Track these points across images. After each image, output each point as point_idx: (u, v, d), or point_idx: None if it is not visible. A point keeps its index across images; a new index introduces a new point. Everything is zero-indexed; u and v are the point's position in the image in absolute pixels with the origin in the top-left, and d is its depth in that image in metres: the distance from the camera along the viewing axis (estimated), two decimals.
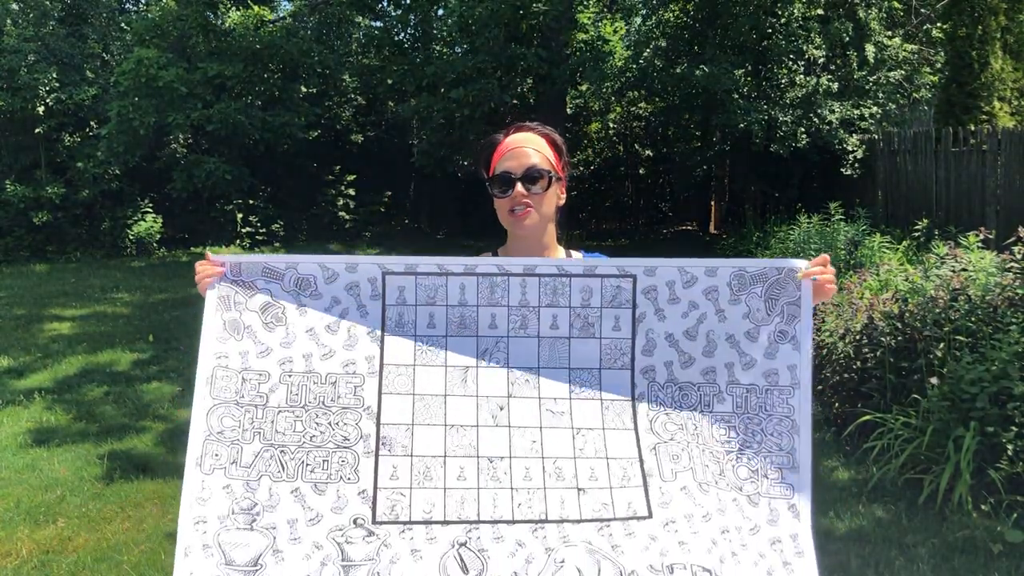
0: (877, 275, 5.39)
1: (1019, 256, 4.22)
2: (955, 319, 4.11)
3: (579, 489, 1.62)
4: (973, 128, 8.46)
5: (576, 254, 1.90)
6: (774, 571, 1.64)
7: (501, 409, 1.66)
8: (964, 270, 4.48)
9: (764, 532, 1.65)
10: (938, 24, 11.28)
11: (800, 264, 1.72)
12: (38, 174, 12.93)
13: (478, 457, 1.63)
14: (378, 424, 1.64)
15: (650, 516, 1.61)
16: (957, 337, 4.02)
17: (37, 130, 12.61)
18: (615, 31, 11.50)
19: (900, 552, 3.25)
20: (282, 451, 1.61)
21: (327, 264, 1.70)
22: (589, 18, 11.55)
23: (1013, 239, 4.34)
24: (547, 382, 1.69)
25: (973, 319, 4.07)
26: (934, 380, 3.83)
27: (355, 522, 1.57)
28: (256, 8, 12.85)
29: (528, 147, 1.78)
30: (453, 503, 1.59)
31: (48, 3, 12.86)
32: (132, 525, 3.73)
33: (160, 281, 10.63)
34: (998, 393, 3.61)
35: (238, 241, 13.76)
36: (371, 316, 1.69)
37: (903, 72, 10.85)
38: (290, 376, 1.65)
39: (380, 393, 1.66)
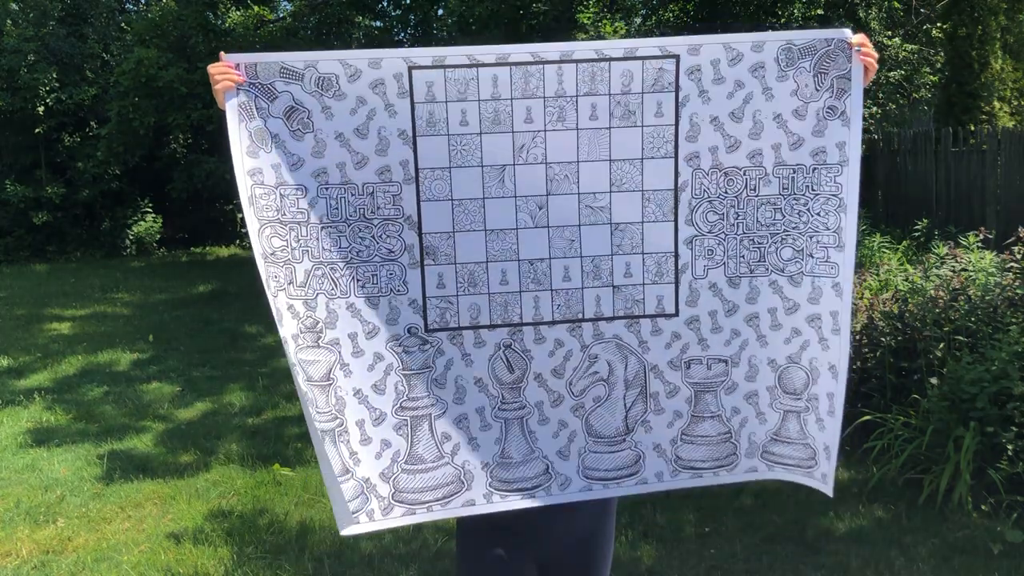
0: (877, 275, 5.39)
1: (1019, 256, 4.22)
2: (955, 319, 4.10)
3: (614, 287, 1.73)
4: (973, 128, 8.46)
5: None
6: (809, 345, 1.74)
7: (540, 208, 1.69)
8: (964, 270, 4.48)
9: (803, 310, 1.73)
10: (938, 24, 11.28)
11: (849, 34, 1.68)
12: (38, 174, 12.93)
13: (519, 260, 1.70)
14: (420, 234, 1.68)
15: (676, 314, 1.74)
16: (957, 337, 4.01)
17: (37, 130, 12.61)
18: (615, 31, 11.49)
19: (900, 552, 3.25)
20: (332, 268, 1.66)
21: (348, 60, 1.64)
22: (589, 18, 11.55)
23: (1013, 239, 4.34)
24: (587, 176, 1.69)
25: (973, 319, 4.07)
26: (934, 380, 3.82)
27: (409, 331, 1.69)
28: (256, 8, 12.85)
29: None
30: (497, 307, 1.71)
31: (48, 3, 12.85)
32: (132, 525, 3.73)
33: (160, 281, 10.63)
34: (998, 393, 3.60)
35: (238, 241, 13.76)
36: (400, 116, 1.64)
37: (903, 72, 10.84)
38: (327, 189, 1.65)
39: (419, 201, 1.67)
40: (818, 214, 1.70)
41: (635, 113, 1.67)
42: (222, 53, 1.66)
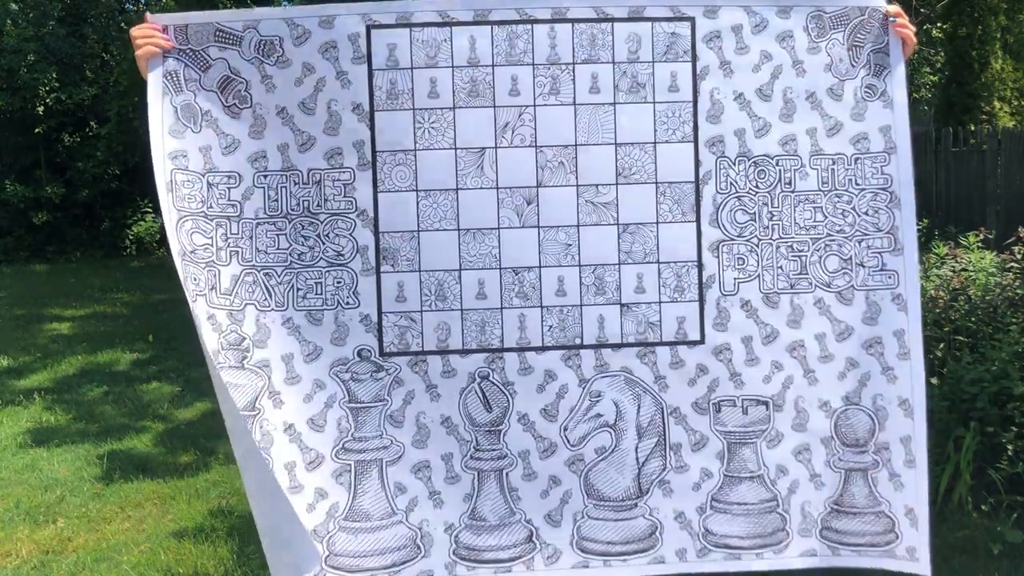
0: None
1: (1019, 256, 4.22)
2: (955, 319, 4.10)
3: (622, 305, 1.36)
4: (973, 128, 8.46)
5: None
6: (870, 379, 1.37)
7: (528, 203, 1.37)
8: (964, 270, 4.48)
9: (858, 334, 1.38)
10: (938, 24, 11.28)
11: (883, 3, 1.47)
12: (38, 174, 12.92)
13: (500, 269, 1.36)
14: (376, 233, 1.36)
15: (702, 341, 1.37)
16: (957, 337, 4.01)
17: (37, 130, 12.60)
18: None
19: None
20: (266, 274, 1.37)
21: (295, 20, 1.35)
22: None
23: (1013, 239, 4.34)
24: (587, 163, 1.38)
25: (973, 319, 4.07)
26: (934, 380, 3.82)
27: (359, 354, 1.36)
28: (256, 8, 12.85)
29: None
30: (472, 327, 1.35)
31: (48, 3, 12.85)
32: (132, 525, 3.72)
33: (160, 281, 10.63)
34: (998, 393, 3.60)
35: None
36: (355, 86, 1.37)
37: None
38: (265, 177, 1.37)
39: (375, 191, 1.37)
40: (866, 213, 1.41)
41: (644, 86, 1.39)
42: (147, 14, 1.41)
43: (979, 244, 4.87)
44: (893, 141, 1.42)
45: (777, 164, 1.42)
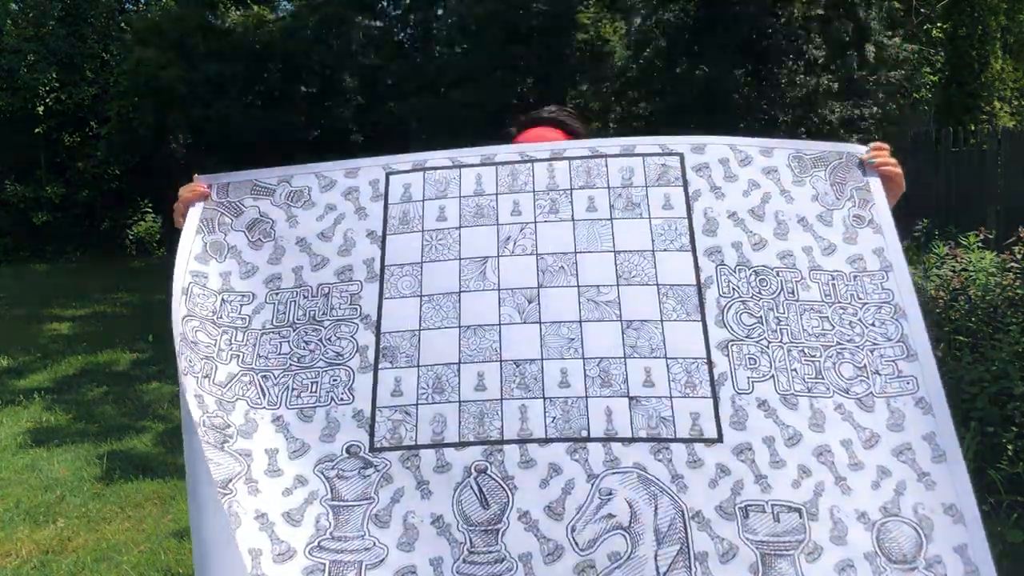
0: None
1: (1019, 256, 4.22)
2: (955, 319, 4.10)
3: (630, 398, 1.28)
4: (973, 128, 8.46)
5: None
6: (906, 488, 1.27)
7: (530, 302, 1.35)
8: (964, 270, 4.48)
9: (886, 442, 1.29)
10: (938, 24, 11.28)
11: (861, 149, 1.52)
12: (38, 174, 12.92)
13: (501, 361, 1.31)
14: (378, 333, 1.35)
15: (720, 439, 1.27)
16: (957, 337, 4.01)
17: (37, 130, 12.61)
18: (615, 31, 11.49)
19: None
20: (264, 376, 1.36)
21: (324, 172, 1.49)
22: (589, 18, 11.54)
23: (1013, 239, 4.34)
24: (587, 267, 1.38)
25: (973, 319, 4.07)
26: None
27: (348, 450, 1.29)
28: (256, 8, 12.85)
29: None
30: (470, 419, 1.28)
31: (48, 3, 12.85)
32: (132, 525, 3.72)
33: (160, 281, 10.59)
34: (998, 393, 3.61)
35: None
36: (371, 217, 1.44)
37: (903, 72, 10.84)
38: (277, 294, 1.42)
39: (381, 299, 1.38)
40: (872, 324, 1.37)
41: (639, 205, 1.41)
42: (196, 175, 1.58)
43: (979, 244, 4.88)
44: (888, 260, 1.44)
45: (778, 275, 1.40)
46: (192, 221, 1.52)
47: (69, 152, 13.00)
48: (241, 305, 1.43)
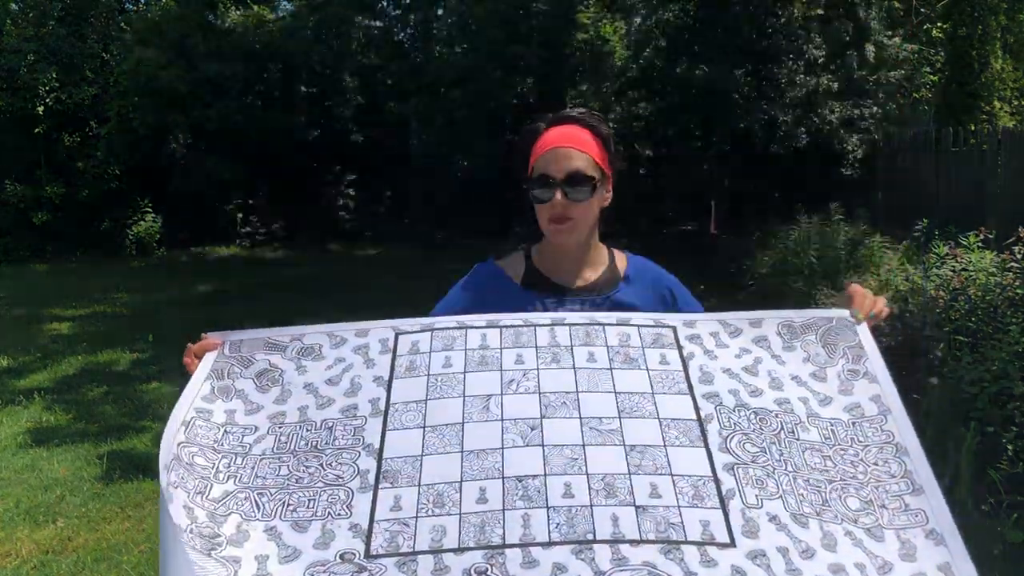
0: (877, 275, 5.39)
1: (1019, 256, 4.22)
2: (955, 319, 4.10)
3: (637, 507, 1.24)
4: (973, 128, 8.46)
5: (620, 254, 1.75)
6: None
7: (532, 430, 1.35)
8: (964, 270, 4.48)
9: (900, 570, 1.25)
10: (938, 24, 11.28)
11: (844, 314, 1.54)
12: (38, 174, 12.93)
13: (503, 478, 1.28)
14: (380, 459, 1.34)
15: (733, 544, 1.21)
16: (957, 337, 4.02)
17: (37, 130, 12.61)
18: (615, 31, 11.49)
19: None
20: (260, 493, 1.32)
21: (336, 332, 1.52)
22: (589, 18, 11.54)
23: (1013, 239, 4.34)
24: (589, 403, 1.39)
25: (973, 319, 4.07)
26: (934, 380, 3.82)
27: (342, 557, 1.22)
28: (256, 8, 12.86)
29: (572, 147, 1.56)
30: (471, 528, 1.23)
31: (48, 3, 12.86)
32: (132, 525, 3.73)
33: (160, 281, 10.64)
34: (998, 393, 3.61)
35: (238, 241, 13.76)
36: (378, 366, 1.48)
37: (903, 72, 10.84)
38: (280, 427, 1.42)
39: (384, 430, 1.38)
40: (875, 464, 1.36)
41: (637, 360, 1.46)
42: (205, 334, 1.56)
43: (979, 244, 4.88)
44: (885, 405, 1.43)
45: (777, 417, 1.40)
46: (203, 368, 1.52)
47: (69, 152, 13.00)
48: (243, 435, 1.42)
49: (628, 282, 1.69)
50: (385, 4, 13.45)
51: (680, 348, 1.49)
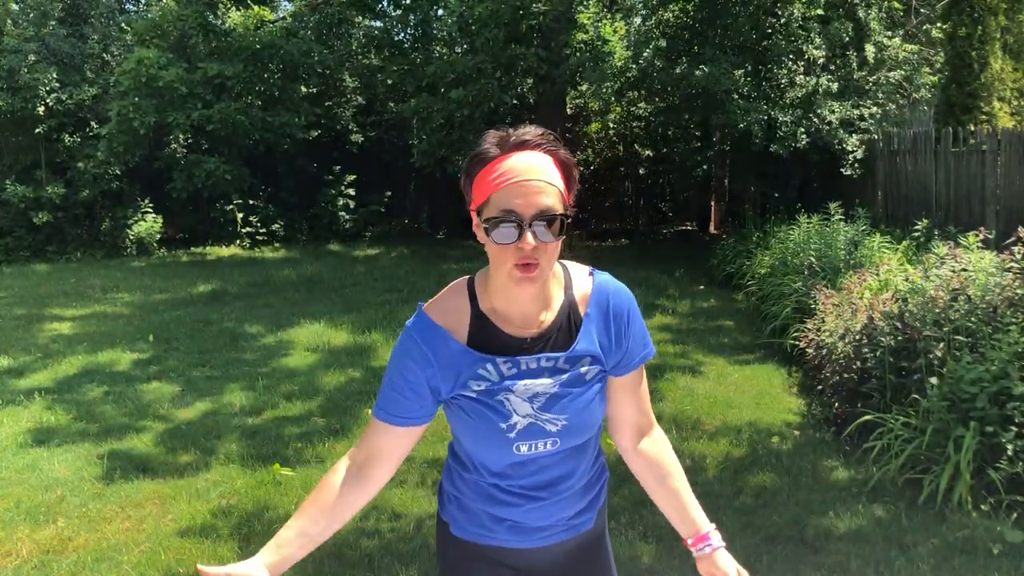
0: (877, 275, 5.39)
1: (1019, 256, 4.22)
2: (955, 319, 4.11)
3: None
4: (973, 128, 8.46)
5: (580, 276, 1.49)
6: None
7: None
8: (964, 270, 4.48)
9: None
10: (938, 24, 11.28)
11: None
12: (38, 174, 12.93)
13: None
14: None
15: None
16: (957, 337, 4.02)
17: (37, 130, 12.61)
18: (615, 31, 11.50)
19: (900, 552, 3.25)
20: None
21: None
22: (589, 18, 11.55)
23: (1013, 239, 4.34)
24: None
25: (973, 319, 4.07)
26: (934, 380, 3.82)
27: None
28: (256, 8, 12.86)
29: (539, 178, 1.30)
30: None
31: (48, 3, 12.86)
32: (132, 525, 3.73)
33: (160, 281, 10.63)
34: (998, 393, 3.61)
35: (238, 241, 13.76)
36: None
37: (903, 72, 10.85)
38: None
39: None
40: None
41: None
42: (200, 566, 1.34)
43: (979, 244, 4.88)
44: None
45: None
46: None
47: (69, 152, 13.00)
48: None
49: (588, 319, 1.45)
50: (385, 4, 13.44)
51: None
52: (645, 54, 11.58)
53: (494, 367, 1.39)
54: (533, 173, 1.31)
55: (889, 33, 11.05)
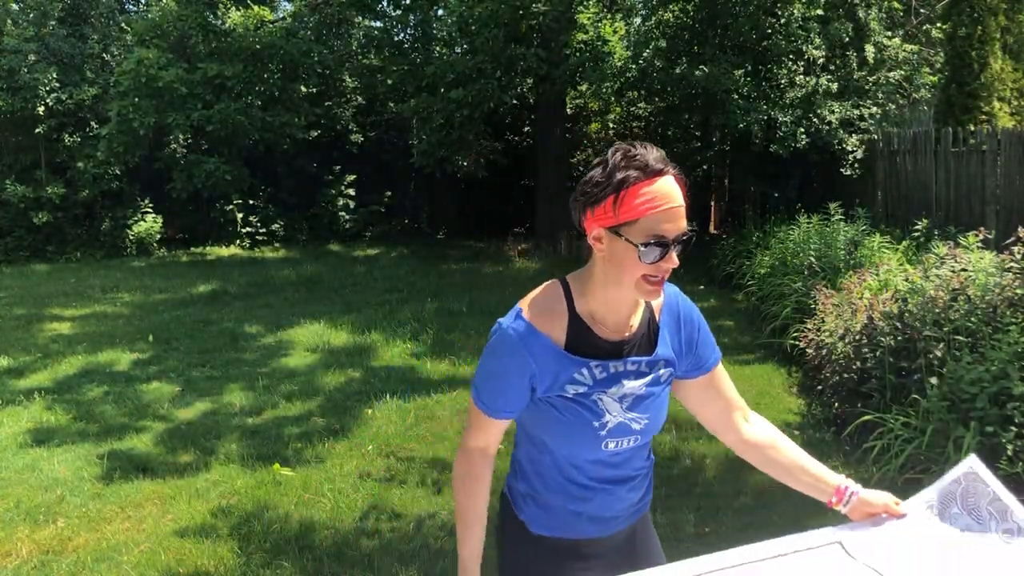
0: (877, 275, 5.39)
1: (1019, 256, 4.22)
2: (955, 319, 4.11)
3: None
4: (973, 128, 8.46)
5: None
6: None
7: None
8: (964, 270, 4.48)
9: None
10: (938, 24, 11.27)
11: (972, 462, 1.57)
12: (38, 174, 12.92)
13: None
14: None
15: None
16: (957, 337, 4.02)
17: (37, 130, 12.60)
18: (615, 31, 11.49)
19: None
20: None
21: None
22: (589, 18, 11.54)
23: (1013, 239, 4.34)
24: None
25: (973, 319, 4.07)
26: (934, 380, 3.82)
27: None
28: (256, 8, 12.85)
29: (680, 204, 1.46)
30: None
31: (48, 3, 12.85)
32: (132, 525, 3.73)
33: (160, 281, 10.63)
34: (998, 393, 3.61)
35: (238, 241, 13.75)
36: None
37: (903, 72, 10.85)
38: None
39: None
40: None
41: None
42: None
43: (979, 244, 4.88)
44: None
45: None
46: None
47: (69, 152, 12.99)
48: None
49: (663, 326, 1.59)
50: (385, 4, 13.44)
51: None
52: (645, 54, 11.58)
53: (588, 371, 1.50)
54: (676, 200, 1.45)
55: (889, 33, 11.05)
